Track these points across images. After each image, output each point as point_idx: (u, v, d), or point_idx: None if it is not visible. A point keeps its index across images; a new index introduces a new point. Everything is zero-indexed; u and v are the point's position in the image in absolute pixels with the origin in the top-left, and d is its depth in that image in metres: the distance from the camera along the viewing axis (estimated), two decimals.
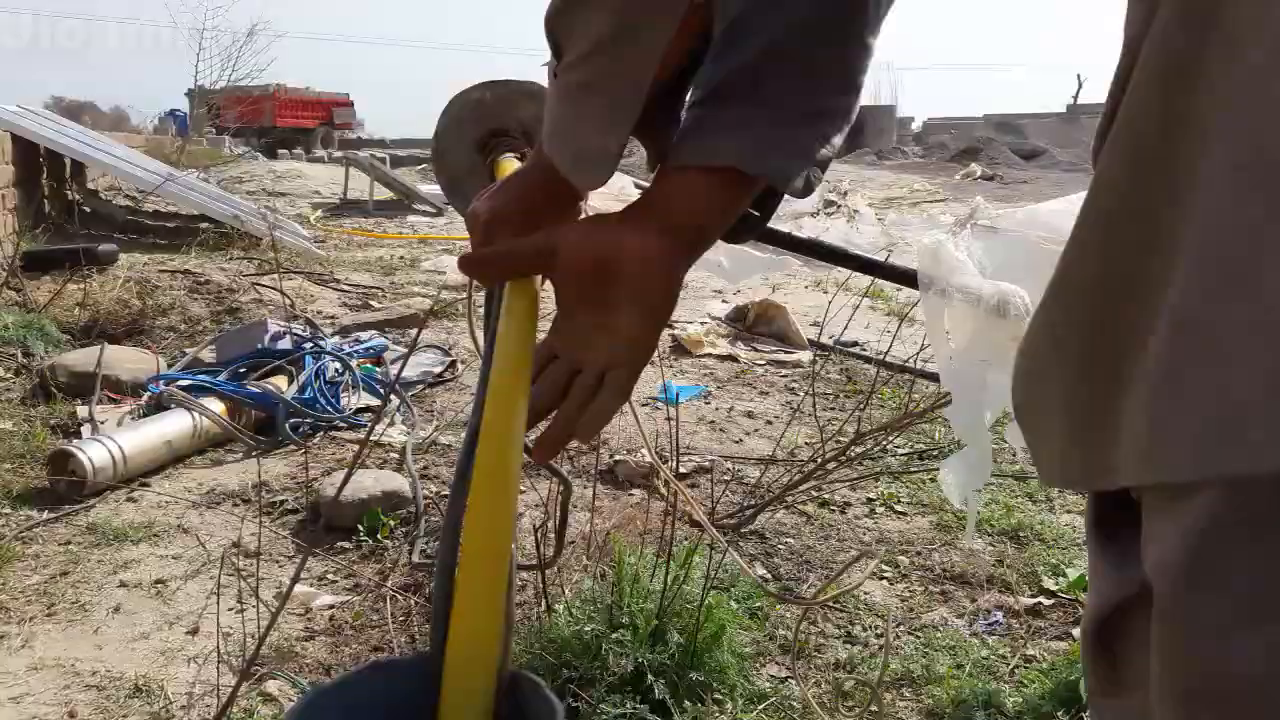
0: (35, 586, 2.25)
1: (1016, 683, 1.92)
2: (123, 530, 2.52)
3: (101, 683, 1.88)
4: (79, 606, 2.17)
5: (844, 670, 1.98)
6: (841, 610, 2.23)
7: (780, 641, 2.07)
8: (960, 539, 2.59)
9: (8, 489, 2.77)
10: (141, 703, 1.82)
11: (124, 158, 8.15)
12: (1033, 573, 2.40)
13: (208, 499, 2.78)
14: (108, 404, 3.47)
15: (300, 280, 5.73)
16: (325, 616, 2.16)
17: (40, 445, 3.07)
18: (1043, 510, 2.80)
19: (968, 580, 2.39)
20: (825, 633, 2.14)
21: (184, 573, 2.35)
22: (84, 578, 2.30)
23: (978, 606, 2.27)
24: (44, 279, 5.13)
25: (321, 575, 2.35)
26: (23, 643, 2.02)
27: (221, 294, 5.09)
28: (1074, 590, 2.28)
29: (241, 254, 6.43)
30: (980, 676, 1.93)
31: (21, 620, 2.10)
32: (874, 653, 2.04)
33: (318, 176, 14.38)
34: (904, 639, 2.10)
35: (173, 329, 4.58)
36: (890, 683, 1.92)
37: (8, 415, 3.40)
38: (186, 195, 7.44)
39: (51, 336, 4.25)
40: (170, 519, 2.64)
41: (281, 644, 2.02)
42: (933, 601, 2.30)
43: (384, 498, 2.56)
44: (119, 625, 2.10)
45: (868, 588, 2.34)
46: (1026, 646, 2.06)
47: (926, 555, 2.52)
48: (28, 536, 2.49)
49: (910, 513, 2.81)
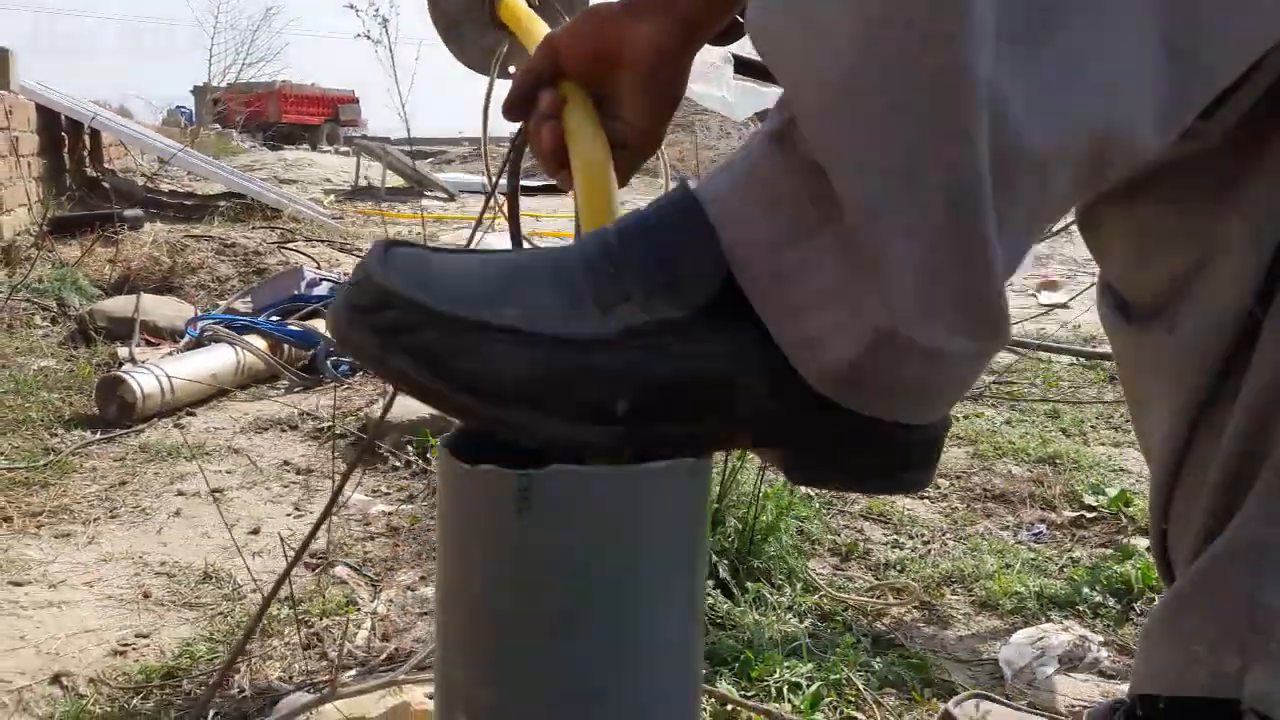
0: (96, 494, 2.29)
1: (1066, 578, 1.95)
2: (175, 449, 2.56)
3: (171, 570, 1.92)
4: (140, 510, 2.21)
5: (894, 569, 2.02)
6: (887, 522, 2.27)
7: (829, 545, 2.11)
8: (998, 465, 2.63)
9: (59, 414, 2.81)
10: (212, 587, 1.86)
11: (142, 133, 8.20)
12: (1072, 492, 2.44)
13: (254, 425, 2.83)
14: (146, 347, 3.52)
15: (324, 246, 5.78)
16: (382, 522, 2.20)
17: (85, 379, 3.11)
18: (1077, 443, 2.84)
19: (1008, 499, 2.43)
20: (872, 539, 2.18)
21: (239, 483, 2.39)
22: (142, 487, 2.34)
23: (1020, 520, 2.31)
24: (72, 242, 5.18)
25: (374, 489, 2.40)
26: (89, 539, 2.06)
27: (249, 256, 5.13)
28: (1115, 505, 2.32)
29: (263, 224, 6.47)
30: (1029, 574, 1.97)
31: (86, 521, 2.15)
32: (922, 555, 2.08)
33: (328, 165, 14.41)
34: (950, 545, 2.14)
35: (203, 286, 4.62)
36: (941, 580, 1.96)
37: (51, 356, 3.45)
38: (206, 167, 7.49)
39: (85, 290, 4.30)
40: (220, 441, 2.68)
41: (343, 543, 2.06)
42: (976, 517, 2.34)
43: (432, 420, 2.60)
44: (181, 526, 2.15)
45: (910, 505, 2.38)
46: (1072, 550, 2.11)
47: (966, 479, 2.56)
48: (83, 453, 2.53)
49: (947, 444, 2.85)
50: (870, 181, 0.50)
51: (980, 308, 0.51)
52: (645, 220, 0.56)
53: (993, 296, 0.51)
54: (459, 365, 0.53)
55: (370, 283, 0.54)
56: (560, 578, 0.59)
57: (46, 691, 1.49)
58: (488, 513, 0.59)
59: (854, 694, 1.48)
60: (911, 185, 0.49)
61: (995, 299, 0.52)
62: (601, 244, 0.56)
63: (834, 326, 0.51)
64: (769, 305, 0.53)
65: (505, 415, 0.54)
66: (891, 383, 0.53)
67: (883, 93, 0.48)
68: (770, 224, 0.53)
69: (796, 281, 0.52)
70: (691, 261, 0.54)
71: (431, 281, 0.55)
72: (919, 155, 0.49)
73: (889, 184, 0.49)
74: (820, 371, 0.53)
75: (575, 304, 0.54)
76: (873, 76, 0.48)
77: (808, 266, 0.52)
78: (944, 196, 0.49)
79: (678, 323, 0.53)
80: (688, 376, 0.54)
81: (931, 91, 0.48)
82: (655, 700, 0.61)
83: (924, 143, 0.48)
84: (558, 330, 0.54)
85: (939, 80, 0.47)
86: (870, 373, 0.52)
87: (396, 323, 0.53)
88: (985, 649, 1.68)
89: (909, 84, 0.48)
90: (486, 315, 0.54)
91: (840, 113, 0.50)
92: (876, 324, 0.50)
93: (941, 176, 0.49)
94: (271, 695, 1.45)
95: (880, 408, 0.54)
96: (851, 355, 0.51)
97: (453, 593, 0.63)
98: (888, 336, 0.50)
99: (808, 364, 0.53)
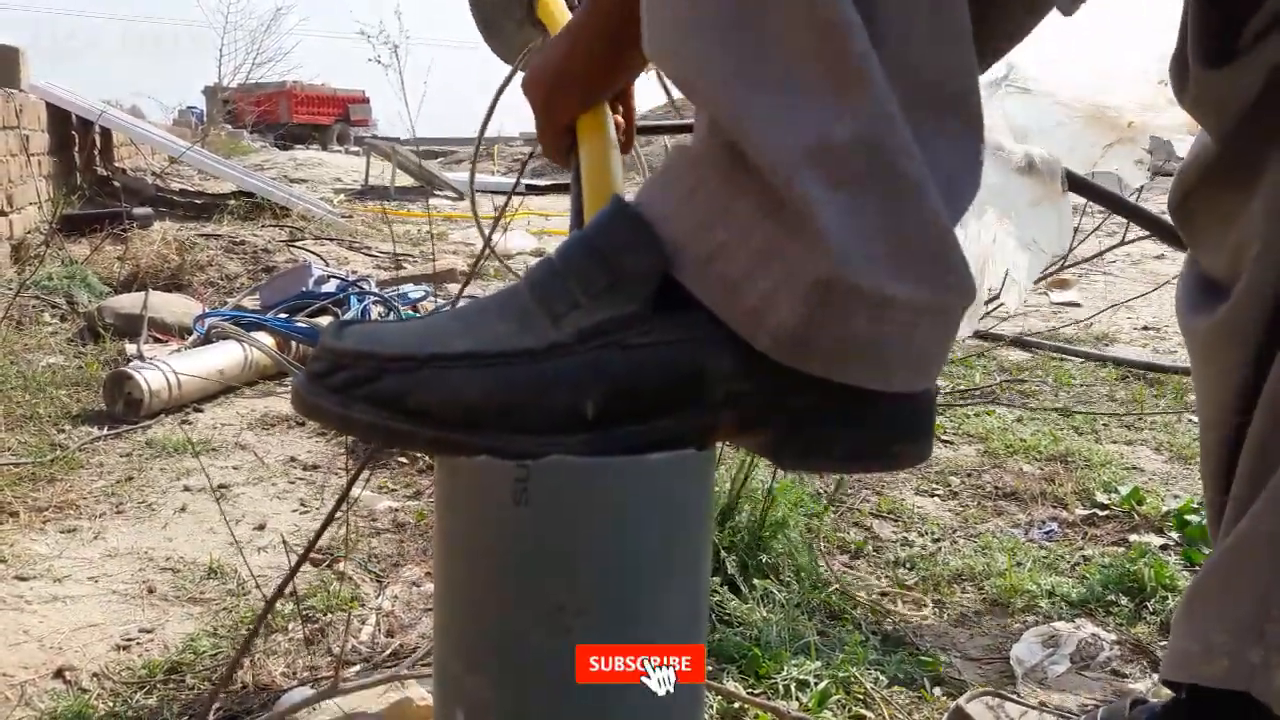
0: (102, 489, 2.29)
1: (1078, 576, 1.93)
2: (182, 444, 2.56)
3: (176, 566, 1.91)
4: (146, 506, 2.21)
5: (903, 567, 2.00)
6: (896, 520, 2.26)
7: (838, 542, 2.09)
8: (1009, 463, 2.61)
9: (66, 410, 2.81)
10: (217, 582, 1.85)
11: (152, 132, 8.22)
12: (1085, 490, 2.41)
13: (262, 422, 2.82)
14: (154, 344, 3.52)
15: (332, 245, 5.78)
16: (389, 518, 2.19)
17: (94, 375, 3.11)
18: (1089, 440, 2.82)
19: (1020, 497, 2.41)
20: (882, 537, 2.16)
21: (245, 480, 2.38)
22: (148, 483, 2.34)
23: (1031, 519, 2.28)
24: (81, 240, 5.19)
25: (381, 485, 2.39)
26: (95, 535, 2.05)
27: (257, 254, 5.14)
28: (1127, 503, 2.30)
29: (272, 222, 6.48)
30: (1040, 572, 1.95)
31: (92, 517, 2.14)
32: (932, 554, 2.06)
33: (338, 165, 14.43)
34: (961, 544, 2.12)
35: (211, 284, 4.63)
36: (951, 578, 1.94)
37: (59, 352, 3.45)
38: (216, 166, 7.50)
39: (94, 287, 4.30)
40: (226, 437, 2.68)
41: (349, 538, 2.05)
42: (986, 515, 2.31)
43: None
44: (187, 522, 2.14)
45: (920, 503, 2.37)
46: (1084, 549, 2.08)
47: (977, 477, 2.54)
48: (90, 448, 2.53)
49: (957, 442, 2.83)
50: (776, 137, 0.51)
51: (922, 246, 0.51)
52: (584, 234, 0.58)
53: (930, 232, 0.51)
54: (419, 400, 0.54)
55: (325, 350, 0.57)
56: (558, 570, 0.57)
57: (49, 686, 1.48)
58: (485, 504, 0.58)
59: (862, 691, 1.46)
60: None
61: (937, 236, 0.51)
62: (545, 265, 0.58)
63: (774, 289, 0.51)
64: (707, 287, 0.53)
65: (477, 440, 0.54)
66: (844, 338, 0.52)
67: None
68: (693, 209, 0.54)
69: (730, 258, 0.53)
70: (631, 257, 0.55)
71: (382, 338, 0.56)
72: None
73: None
74: (771, 338, 0.52)
75: (526, 322, 0.55)
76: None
77: (736, 239, 0.52)
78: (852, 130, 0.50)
79: (630, 317, 0.54)
80: (653, 368, 0.54)
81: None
82: (657, 696, 0.60)
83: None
84: (510, 346, 0.54)
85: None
86: (820, 328, 0.51)
87: (352, 378, 0.55)
88: (996, 647, 1.66)
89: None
90: (436, 349, 0.55)
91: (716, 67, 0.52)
92: (815, 276, 0.50)
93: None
94: (275, 691, 1.44)
95: (840, 369, 0.53)
96: (798, 313, 0.51)
97: (451, 586, 0.62)
98: (827, 286, 0.50)
99: (756, 334, 0.53)
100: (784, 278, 0.51)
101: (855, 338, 0.52)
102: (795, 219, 0.50)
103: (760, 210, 0.51)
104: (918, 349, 0.53)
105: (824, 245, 0.49)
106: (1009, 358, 3.82)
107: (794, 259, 0.50)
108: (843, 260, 0.49)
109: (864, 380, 0.53)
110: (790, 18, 0.49)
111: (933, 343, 0.54)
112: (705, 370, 0.54)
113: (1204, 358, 0.79)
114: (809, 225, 0.50)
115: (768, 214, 0.51)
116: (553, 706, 0.58)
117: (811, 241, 0.50)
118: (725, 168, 0.53)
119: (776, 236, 0.51)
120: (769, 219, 0.51)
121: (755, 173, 0.51)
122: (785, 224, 0.51)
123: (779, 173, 0.50)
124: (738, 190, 0.52)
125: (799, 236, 0.50)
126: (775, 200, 0.51)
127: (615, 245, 0.55)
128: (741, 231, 0.52)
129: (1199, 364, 0.82)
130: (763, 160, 0.50)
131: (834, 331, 0.51)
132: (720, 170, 0.53)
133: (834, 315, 0.51)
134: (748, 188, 0.52)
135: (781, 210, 0.51)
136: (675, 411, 0.55)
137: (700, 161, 0.55)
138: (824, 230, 0.49)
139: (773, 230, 0.51)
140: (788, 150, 0.50)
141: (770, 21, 0.50)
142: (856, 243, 0.50)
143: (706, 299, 0.53)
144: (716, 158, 0.53)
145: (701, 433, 0.56)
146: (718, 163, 0.53)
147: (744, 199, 0.52)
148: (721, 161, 0.53)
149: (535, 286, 0.57)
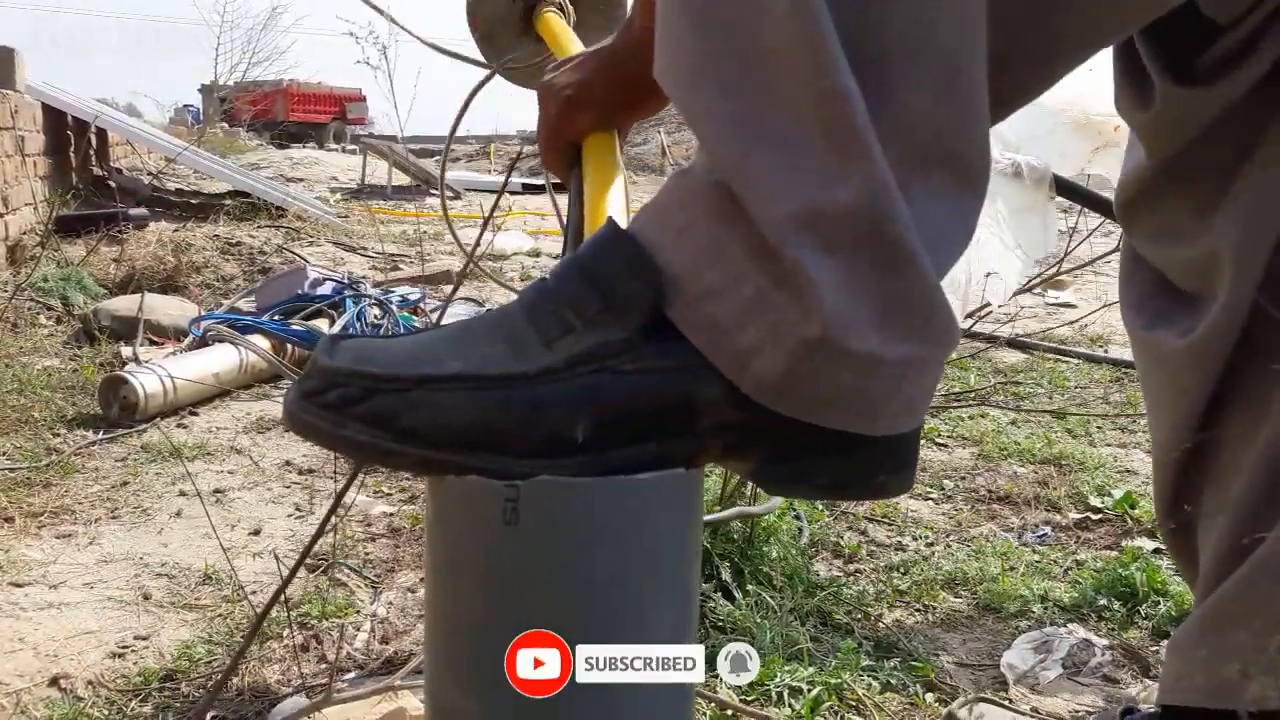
0: (97, 494, 2.29)
1: (1070, 581, 1.94)
2: (177, 449, 2.56)
3: (171, 571, 1.92)
4: (141, 511, 2.21)
5: (897, 572, 2.01)
6: (890, 524, 2.26)
7: (831, 547, 2.10)
8: (1003, 466, 2.61)
9: (62, 414, 2.81)
10: (212, 588, 1.85)
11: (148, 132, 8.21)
12: (1078, 493, 2.42)
13: (257, 426, 2.82)
14: (150, 346, 3.52)
15: (328, 246, 5.78)
16: (384, 523, 2.20)
17: (89, 379, 3.11)
18: (1083, 444, 2.83)
19: (1013, 500, 2.41)
20: (876, 541, 2.16)
21: (240, 484, 2.39)
22: (143, 488, 2.34)
23: (1025, 522, 2.29)
24: (77, 241, 5.18)
25: (376, 489, 2.39)
26: (90, 540, 2.06)
27: (253, 255, 5.14)
28: (1121, 507, 2.30)
29: (268, 223, 6.47)
30: (1033, 577, 1.95)
31: (87, 522, 2.14)
32: (925, 557, 2.06)
33: (335, 164, 14.43)
34: (954, 547, 2.13)
35: (207, 285, 4.63)
36: (944, 582, 1.95)
37: (55, 355, 3.45)
38: (212, 166, 7.49)
39: (90, 289, 4.30)
40: (222, 441, 2.68)
41: (344, 544, 2.05)
42: (980, 518, 2.32)
43: None
44: (182, 527, 2.14)
45: (914, 507, 2.37)
46: (1077, 553, 2.09)
47: (971, 479, 2.55)
48: (86, 453, 2.53)
49: (951, 444, 2.84)
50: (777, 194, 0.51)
51: (912, 307, 0.51)
52: (577, 257, 0.58)
53: (923, 294, 0.51)
54: (410, 421, 0.54)
55: (317, 368, 0.56)
56: (548, 589, 0.58)
57: (45, 694, 1.48)
58: (475, 524, 0.58)
59: (855, 698, 1.46)
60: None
61: (927, 296, 0.51)
62: (538, 288, 0.58)
63: (760, 342, 0.51)
64: (695, 326, 0.53)
65: (469, 462, 0.54)
66: (833, 391, 0.52)
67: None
68: (687, 244, 0.54)
69: (719, 302, 0.52)
70: (626, 285, 0.54)
71: (375, 355, 0.56)
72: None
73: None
74: (755, 383, 0.52)
75: (518, 345, 0.55)
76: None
77: (728, 286, 0.52)
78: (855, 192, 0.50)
79: (623, 344, 0.54)
80: (644, 395, 0.54)
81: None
82: (647, 712, 0.61)
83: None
84: (503, 369, 0.54)
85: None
86: (807, 381, 0.52)
87: (344, 397, 0.54)
88: (989, 652, 1.67)
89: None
90: (429, 370, 0.55)
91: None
92: (804, 335, 0.50)
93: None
94: (270, 698, 1.45)
95: (826, 416, 0.53)
96: (783, 366, 0.51)
97: (441, 604, 0.62)
98: (816, 346, 0.50)
99: (741, 376, 0.53)
100: (772, 332, 0.51)
101: (840, 390, 0.52)
102: (787, 278, 0.50)
103: (752, 259, 0.51)
104: (904, 396, 0.54)
105: (815, 307, 0.50)
106: (1004, 359, 3.83)
107: (783, 316, 0.51)
108: (833, 324, 0.50)
109: (848, 426, 0.53)
110: (791, 82, 0.49)
111: (919, 390, 0.54)
112: (694, 399, 0.54)
113: (1168, 374, 0.79)
114: (802, 287, 0.50)
115: (760, 265, 0.51)
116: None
117: (803, 302, 0.50)
118: (721, 208, 0.53)
119: (767, 291, 0.51)
120: (761, 272, 0.51)
121: (750, 221, 0.51)
122: (777, 280, 0.51)
123: (773, 233, 0.50)
124: (732, 233, 0.52)
125: (790, 295, 0.50)
126: (768, 252, 0.51)
127: (610, 272, 0.55)
128: (733, 278, 0.52)
129: (1161, 379, 0.81)
130: (758, 215, 0.51)
131: (819, 386, 0.51)
132: (715, 210, 0.53)
133: (820, 372, 0.51)
134: (742, 233, 0.52)
135: (773, 264, 0.51)
136: (665, 437, 0.55)
137: (698, 196, 0.54)
138: (816, 293, 0.49)
139: (765, 285, 0.51)
140: (783, 211, 0.50)
141: (772, 83, 0.50)
142: (848, 307, 0.50)
143: (693, 338, 0.53)
144: (712, 195, 0.53)
145: (690, 455, 0.56)
146: (714, 201, 0.53)
147: (737, 244, 0.52)
148: (719, 201, 0.53)
149: (528, 309, 0.57)
